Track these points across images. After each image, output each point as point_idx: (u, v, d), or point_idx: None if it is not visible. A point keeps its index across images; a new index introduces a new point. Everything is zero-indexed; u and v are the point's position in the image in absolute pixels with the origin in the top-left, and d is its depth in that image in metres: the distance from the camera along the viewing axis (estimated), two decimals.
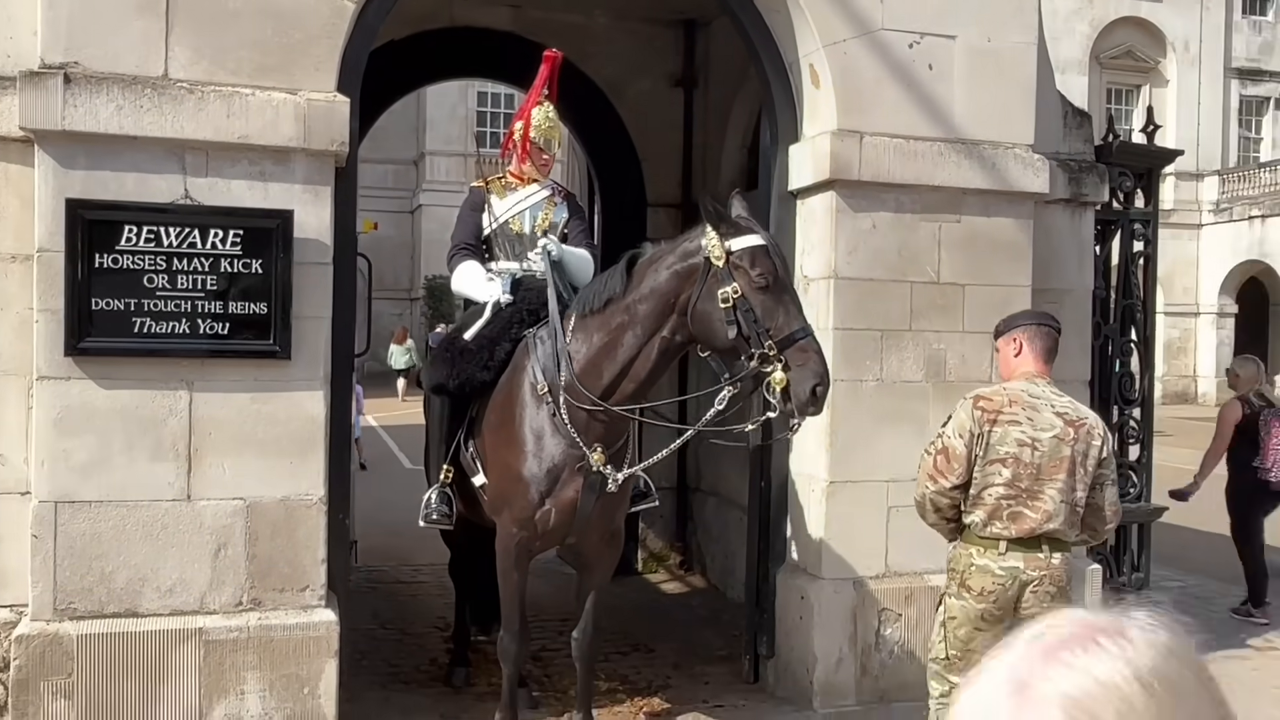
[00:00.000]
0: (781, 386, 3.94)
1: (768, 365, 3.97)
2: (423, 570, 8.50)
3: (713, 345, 4.21)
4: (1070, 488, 3.89)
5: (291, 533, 4.67)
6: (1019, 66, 5.69)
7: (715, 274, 4.08)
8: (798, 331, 3.99)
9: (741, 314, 4.03)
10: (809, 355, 3.96)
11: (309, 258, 4.65)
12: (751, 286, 4.02)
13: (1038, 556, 3.87)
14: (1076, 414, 3.98)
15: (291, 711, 4.63)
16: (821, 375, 3.95)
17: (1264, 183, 30.98)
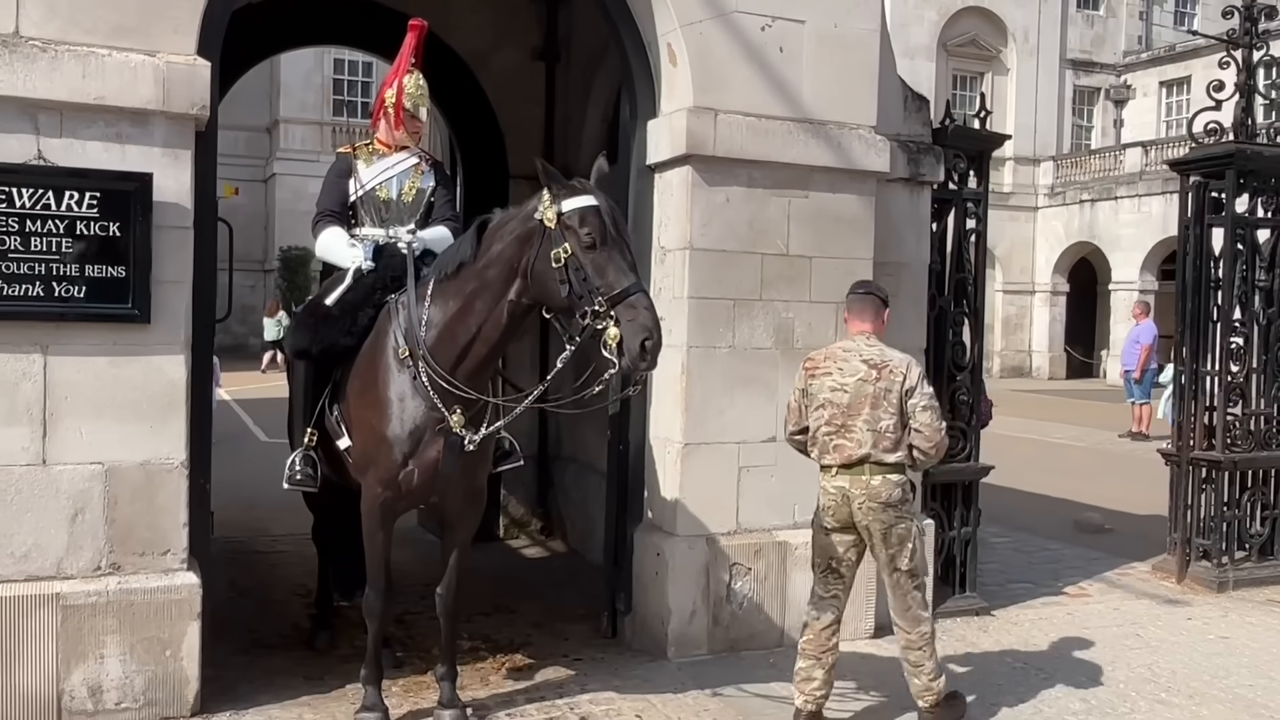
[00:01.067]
0: (615, 342, 4.07)
1: (600, 322, 4.11)
2: (281, 540, 8.48)
3: (551, 305, 4.36)
4: (876, 419, 4.67)
5: (152, 497, 4.67)
6: (863, 51, 6.02)
7: (549, 236, 4.25)
8: (630, 288, 4.11)
9: (573, 273, 4.18)
10: (638, 311, 4.08)
11: (169, 221, 4.63)
12: (581, 246, 4.17)
13: (860, 478, 4.68)
14: (881, 358, 4.73)
15: (153, 674, 4.65)
16: (650, 329, 4.06)
17: (1094, 169, 32.83)
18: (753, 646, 5.85)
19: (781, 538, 5.91)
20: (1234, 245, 7.81)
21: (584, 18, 8.24)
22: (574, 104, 8.52)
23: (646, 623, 5.86)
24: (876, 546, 4.77)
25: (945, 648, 6.11)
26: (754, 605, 5.84)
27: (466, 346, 4.53)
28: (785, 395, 5.83)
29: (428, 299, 4.65)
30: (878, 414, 4.66)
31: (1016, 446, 12.01)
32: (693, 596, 5.71)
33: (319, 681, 5.31)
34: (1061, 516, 10.30)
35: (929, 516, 6.66)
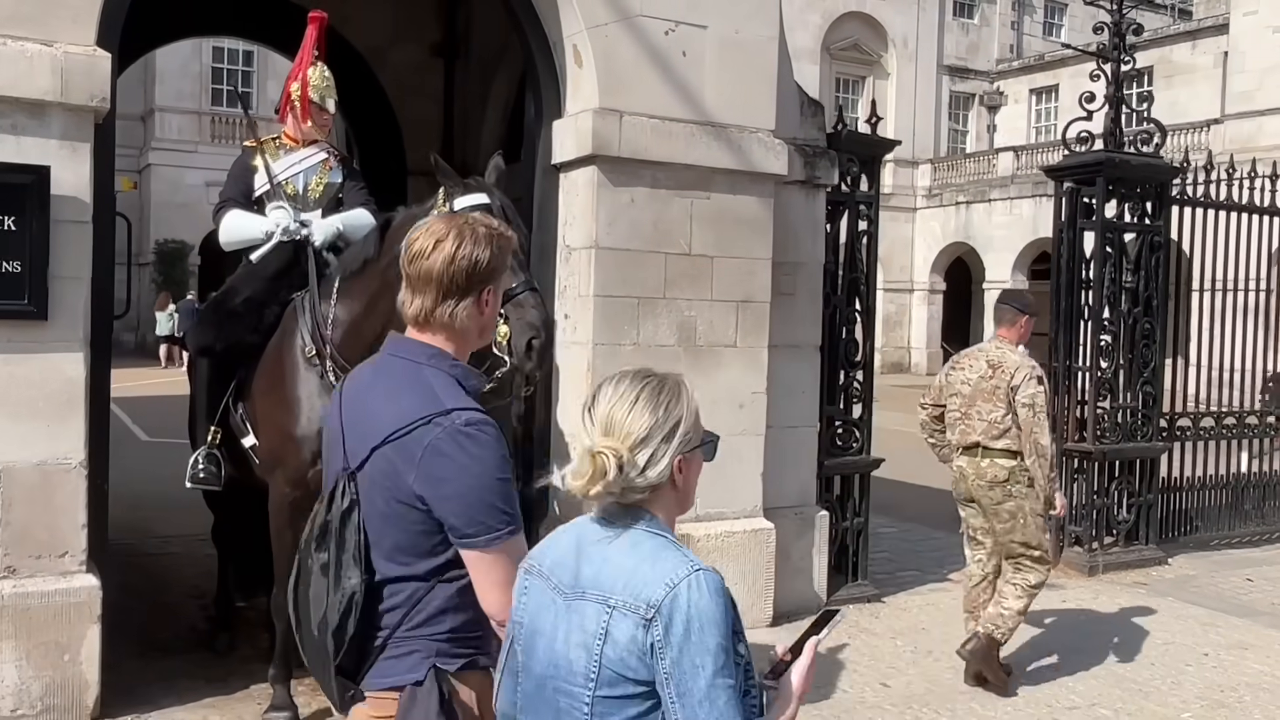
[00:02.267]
0: (505, 340, 4.03)
1: None
2: (171, 541, 8.30)
3: None
4: (987, 411, 5.56)
5: (50, 498, 4.55)
6: (763, 57, 6.20)
7: None
8: (517, 287, 4.05)
9: None
10: (525, 309, 4.02)
11: (66, 216, 4.52)
12: None
13: (974, 460, 5.60)
14: (999, 359, 5.59)
15: (51, 680, 4.53)
16: (537, 328, 4.00)
17: (969, 172, 34.05)
18: None
19: (684, 530, 6.04)
20: (1104, 248, 8.26)
21: (483, 15, 8.27)
22: (473, 101, 8.53)
23: None
24: (990, 520, 5.60)
25: (839, 634, 6.35)
26: None
27: (372, 345, 4.52)
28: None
29: (333, 297, 4.64)
30: (989, 406, 5.52)
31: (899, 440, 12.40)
32: None
33: (222, 683, 5.24)
34: (945, 507, 10.65)
35: (823, 508, 6.90)
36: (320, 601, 2.18)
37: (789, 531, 6.54)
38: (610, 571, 1.80)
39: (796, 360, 6.68)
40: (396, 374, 2.25)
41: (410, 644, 2.18)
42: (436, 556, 2.17)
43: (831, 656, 5.92)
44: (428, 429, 2.12)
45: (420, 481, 2.11)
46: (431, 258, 2.22)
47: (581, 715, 1.78)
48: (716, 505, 6.13)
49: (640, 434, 1.83)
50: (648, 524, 1.85)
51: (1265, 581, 8.07)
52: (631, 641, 1.74)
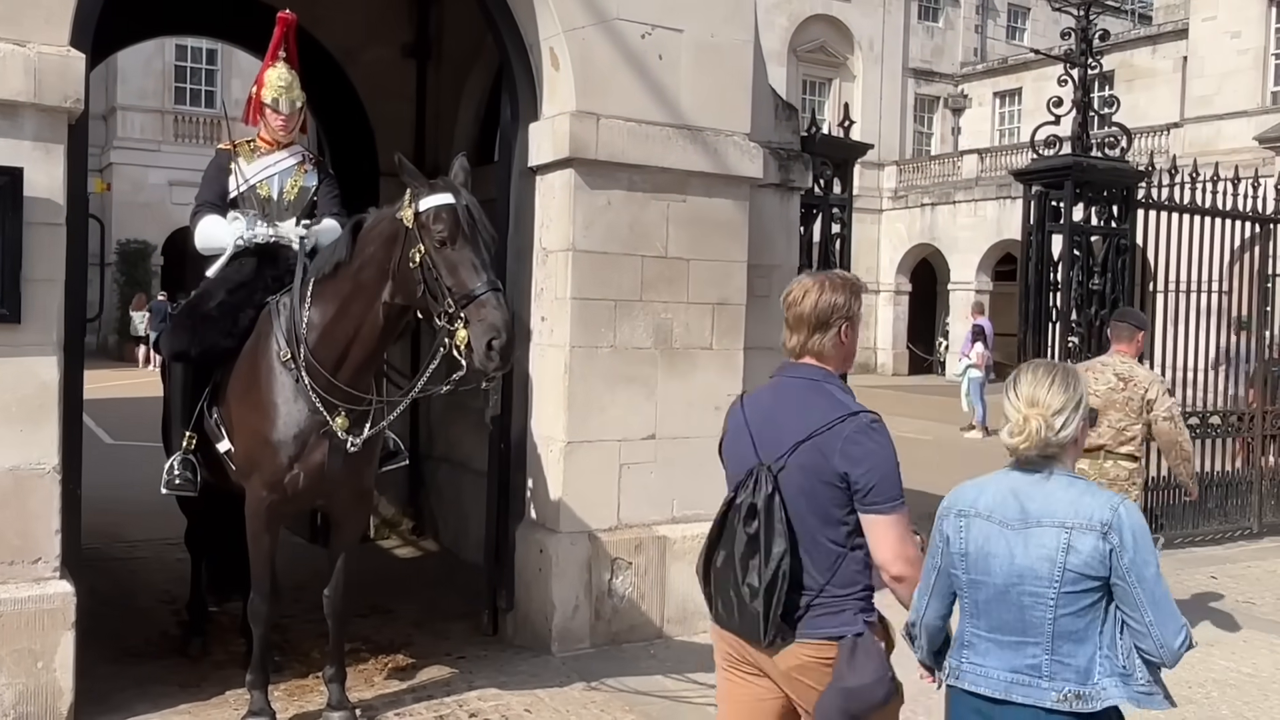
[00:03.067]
0: (465, 343, 4.03)
1: (453, 323, 4.07)
2: (139, 546, 8.22)
3: (416, 307, 4.34)
4: (1117, 420, 6.02)
5: (23, 503, 4.50)
6: (738, 61, 6.23)
7: (410, 235, 4.22)
8: (477, 288, 4.06)
9: (427, 272, 4.15)
10: (486, 310, 4.02)
11: (40, 218, 4.47)
12: (434, 245, 4.13)
13: (1096, 462, 6.02)
14: (1129, 374, 6.08)
15: (25, 687, 4.48)
16: (497, 329, 3.99)
17: (934, 174, 34.33)
18: (633, 639, 5.99)
19: (661, 532, 6.07)
20: (1071, 251, 8.37)
21: (456, 16, 8.24)
22: (445, 102, 8.49)
23: (529, 619, 5.93)
24: None
25: None
26: (635, 599, 5.99)
27: (346, 349, 4.52)
28: (664, 394, 6.04)
29: (308, 300, 4.62)
30: (1119, 416, 5.99)
31: None
32: (576, 592, 5.81)
33: (196, 689, 5.20)
34: (916, 507, 10.78)
35: None
36: (751, 564, 2.80)
37: None
38: (1056, 505, 2.56)
39: (771, 362, 6.67)
40: (799, 390, 2.93)
41: (841, 603, 2.82)
42: (844, 525, 2.82)
43: None
44: (844, 425, 2.80)
45: (843, 462, 2.77)
46: (803, 304, 2.95)
47: (1047, 606, 2.53)
48: (693, 507, 6.15)
49: (1057, 406, 2.60)
50: (1063, 471, 2.64)
51: (1229, 579, 8.20)
52: (1094, 550, 2.50)
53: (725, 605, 2.90)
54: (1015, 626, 2.58)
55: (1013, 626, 2.59)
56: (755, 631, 2.81)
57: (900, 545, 2.79)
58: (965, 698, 2.70)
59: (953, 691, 2.75)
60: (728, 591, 2.88)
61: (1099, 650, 2.53)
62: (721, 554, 2.90)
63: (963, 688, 2.70)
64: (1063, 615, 2.52)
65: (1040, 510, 2.57)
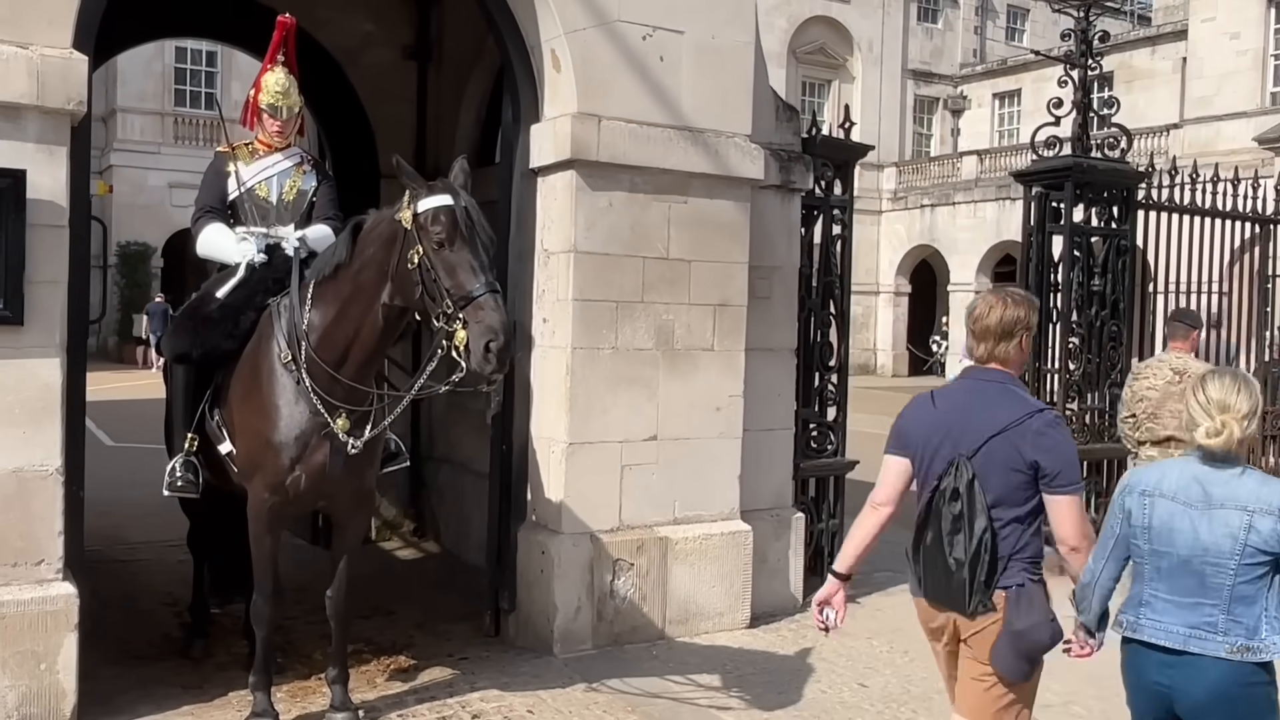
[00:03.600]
0: (463, 345, 4.01)
1: (451, 324, 4.06)
2: (140, 548, 8.22)
3: (415, 309, 4.33)
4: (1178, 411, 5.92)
5: (26, 505, 4.51)
6: (739, 62, 6.24)
7: (408, 237, 4.22)
8: (475, 289, 4.05)
9: (425, 274, 4.14)
10: (484, 312, 4.00)
11: (43, 220, 4.48)
12: (432, 246, 4.13)
13: (1166, 450, 6.15)
14: (1184, 367, 6.30)
15: (28, 689, 4.48)
16: (495, 331, 3.98)
17: (933, 175, 34.35)
18: (635, 640, 6.00)
19: (662, 533, 6.07)
20: (1072, 252, 8.38)
21: (456, 18, 8.25)
22: (446, 104, 8.50)
23: (531, 620, 5.94)
24: None
25: (817, 634, 6.35)
26: (636, 600, 5.99)
27: (346, 350, 4.52)
28: (666, 395, 6.05)
29: (309, 302, 4.62)
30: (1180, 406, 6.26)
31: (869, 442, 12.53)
32: (578, 593, 5.82)
33: (199, 690, 5.20)
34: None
35: (799, 510, 6.95)
36: (957, 541, 3.31)
37: (766, 533, 6.58)
38: (1240, 492, 3.07)
39: (772, 363, 6.73)
40: (988, 392, 3.42)
41: (1015, 564, 3.34)
42: (1028, 504, 3.35)
43: (808, 658, 5.97)
44: (1032, 420, 3.32)
45: (1034, 452, 3.30)
46: (989, 318, 3.43)
47: (1226, 574, 3.04)
48: (694, 508, 6.17)
49: (1246, 410, 3.10)
50: (1243, 465, 3.14)
51: None
52: (1271, 531, 3.01)
53: (935, 580, 3.41)
54: (1194, 590, 3.09)
55: (1192, 590, 3.09)
56: (961, 600, 3.31)
57: (1080, 522, 3.34)
58: (1144, 650, 3.20)
59: (1130, 645, 3.25)
60: (936, 566, 3.38)
61: (1265, 611, 3.05)
62: (929, 533, 3.40)
63: (1142, 639, 3.19)
64: (1239, 583, 3.04)
65: (1223, 495, 3.08)
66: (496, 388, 5.82)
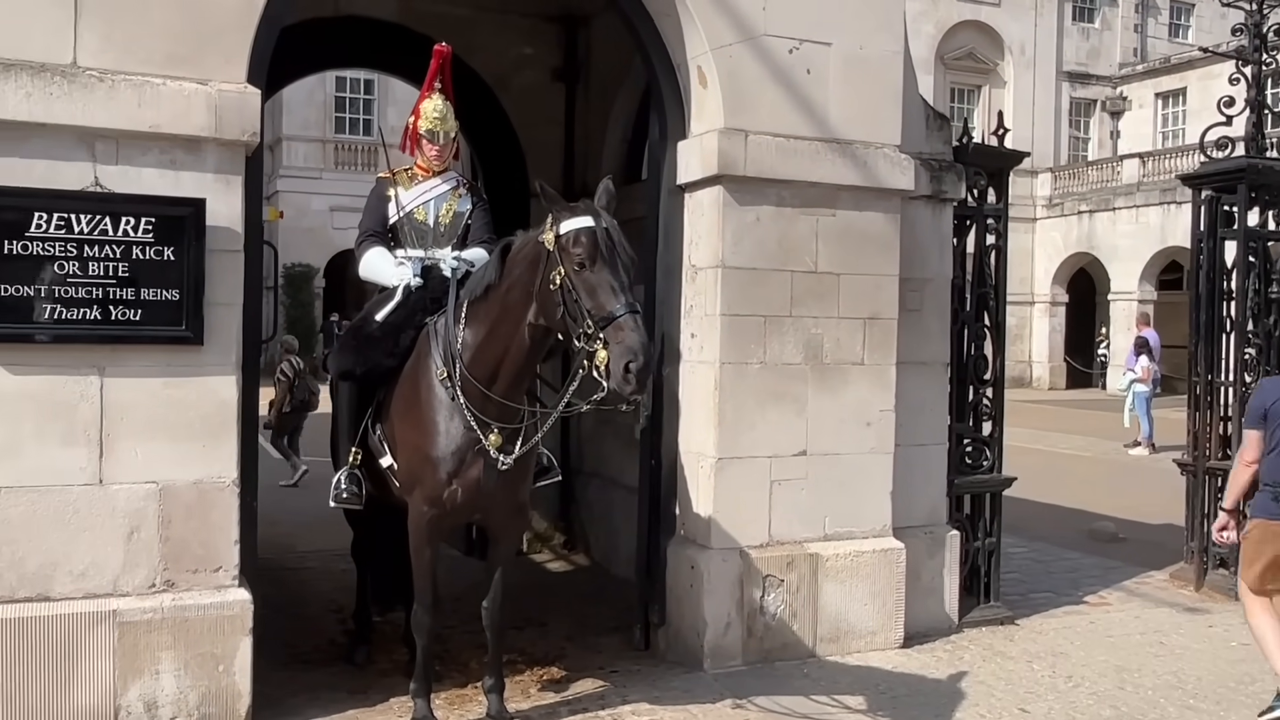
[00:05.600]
0: (604, 365, 4.04)
1: (592, 345, 4.10)
2: (307, 557, 8.56)
3: (558, 329, 4.39)
4: None
5: (205, 515, 4.76)
6: (888, 72, 6.15)
7: (551, 259, 4.29)
8: (615, 309, 4.07)
9: (566, 295, 4.20)
10: (624, 333, 4.02)
11: (220, 245, 4.74)
12: (573, 267, 4.19)
13: None
14: None
15: (207, 690, 4.73)
16: (635, 352, 3.98)
17: (1091, 180, 33.02)
18: (785, 657, 5.94)
19: (813, 550, 6.01)
20: (1246, 258, 7.94)
21: (603, 39, 8.39)
22: (594, 123, 8.64)
23: (681, 635, 5.95)
24: None
25: (974, 657, 6.23)
26: (787, 617, 5.94)
27: (497, 368, 4.63)
28: (815, 410, 5.99)
29: (462, 321, 4.75)
30: None
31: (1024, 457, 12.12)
32: (727, 608, 5.80)
33: (362, 695, 5.39)
34: (1075, 526, 10.42)
35: (954, 527, 6.77)
36: None
37: (919, 551, 6.44)
38: None
39: (924, 377, 6.59)
40: None
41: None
42: None
43: (964, 681, 5.80)
44: None
45: None
46: None
47: None
48: (845, 524, 6.08)
49: None
50: None
51: None
52: None
53: None
54: None
55: None
56: None
57: None
58: None
59: None
60: None
61: None
62: None
63: None
64: None
65: None
66: (645, 403, 5.91)
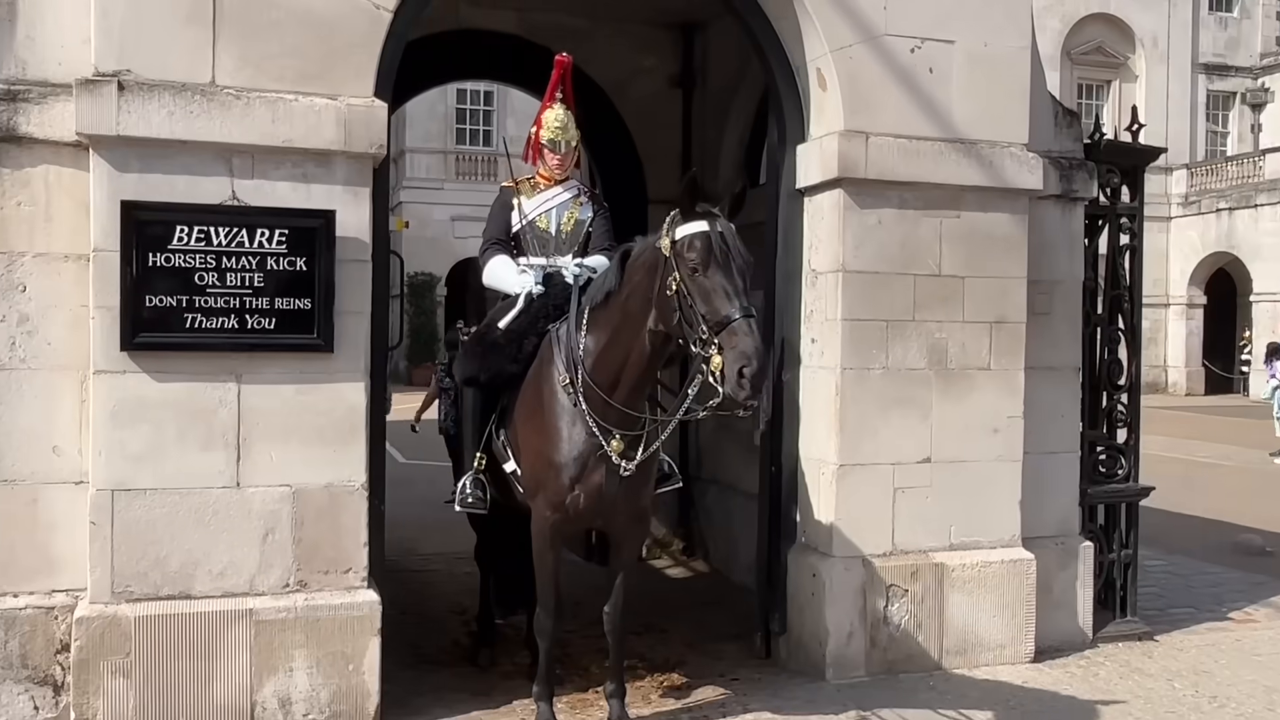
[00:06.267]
0: (718, 370, 4.03)
1: (707, 350, 4.09)
2: (431, 559, 8.73)
3: (675, 334, 4.38)
4: None
5: (335, 517, 4.90)
6: (1014, 69, 5.98)
7: (667, 264, 4.30)
8: (730, 313, 4.06)
9: (680, 300, 4.20)
10: (738, 337, 4.01)
11: (349, 255, 4.88)
12: (688, 272, 4.18)
13: None
14: None
15: (338, 688, 4.87)
16: (749, 357, 3.97)
17: (1231, 176, 31.61)
18: (910, 669, 5.81)
19: (938, 559, 5.87)
20: None
21: (720, 44, 8.37)
22: (711, 128, 8.63)
23: (803, 643, 5.87)
24: None
25: (1109, 673, 6.00)
26: (911, 627, 5.81)
27: (618, 375, 4.64)
28: (939, 416, 5.86)
29: (584, 328, 4.79)
30: None
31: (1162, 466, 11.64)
32: (850, 618, 5.71)
33: (486, 697, 5.47)
34: (1218, 538, 9.95)
35: (1087, 538, 6.54)
36: None
37: (1050, 563, 6.23)
38: None
39: (1054, 382, 6.38)
40: None
41: None
42: None
43: (1100, 699, 5.58)
44: None
45: None
46: None
47: None
48: (971, 534, 5.93)
49: None
50: None
51: None
52: None
53: None
54: None
55: None
56: None
57: None
58: None
59: None
60: None
61: None
62: None
63: None
64: None
65: None
66: (765, 408, 5.87)
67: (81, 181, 4.68)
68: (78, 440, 4.76)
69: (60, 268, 4.76)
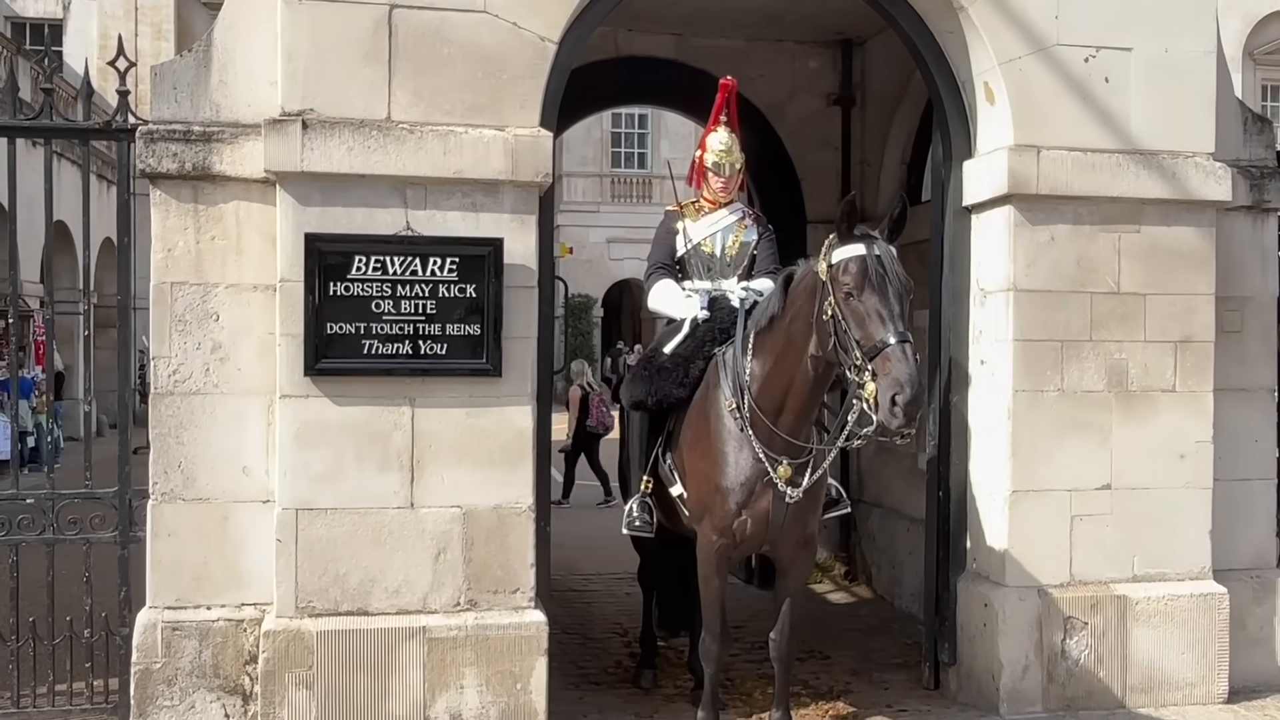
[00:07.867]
0: (872, 397, 3.97)
1: (861, 376, 4.03)
2: (592, 580, 8.81)
3: (832, 361, 4.31)
4: None
5: (504, 538, 5.01)
6: (1197, 75, 5.69)
7: (824, 288, 4.25)
8: (883, 340, 3.99)
9: (836, 325, 4.15)
10: (891, 364, 3.94)
11: (516, 282, 5.00)
12: (842, 296, 4.12)
13: None
14: None
15: (506, 706, 4.96)
16: (901, 384, 3.90)
17: None
18: (1090, 706, 5.54)
19: (1120, 591, 5.59)
20: None
21: (880, 60, 8.24)
22: (870, 147, 8.49)
23: (974, 675, 5.67)
24: None
25: None
26: (1091, 663, 5.54)
27: (783, 400, 4.61)
28: (1120, 440, 5.60)
29: (749, 352, 4.77)
30: None
31: None
32: (1025, 650, 5.48)
33: (649, 719, 5.48)
34: None
35: None
36: None
37: (1244, 597, 5.86)
38: None
39: (1246, 405, 6.01)
40: None
41: None
42: None
43: None
44: None
45: None
46: None
47: None
48: (1157, 565, 5.63)
49: None
50: None
51: None
52: None
53: None
54: None
55: None
56: None
57: None
58: None
59: None
60: None
61: None
62: None
63: None
64: None
65: None
66: (931, 431, 5.73)
67: (268, 215, 4.95)
68: (265, 461, 5.00)
69: (249, 297, 5.03)
